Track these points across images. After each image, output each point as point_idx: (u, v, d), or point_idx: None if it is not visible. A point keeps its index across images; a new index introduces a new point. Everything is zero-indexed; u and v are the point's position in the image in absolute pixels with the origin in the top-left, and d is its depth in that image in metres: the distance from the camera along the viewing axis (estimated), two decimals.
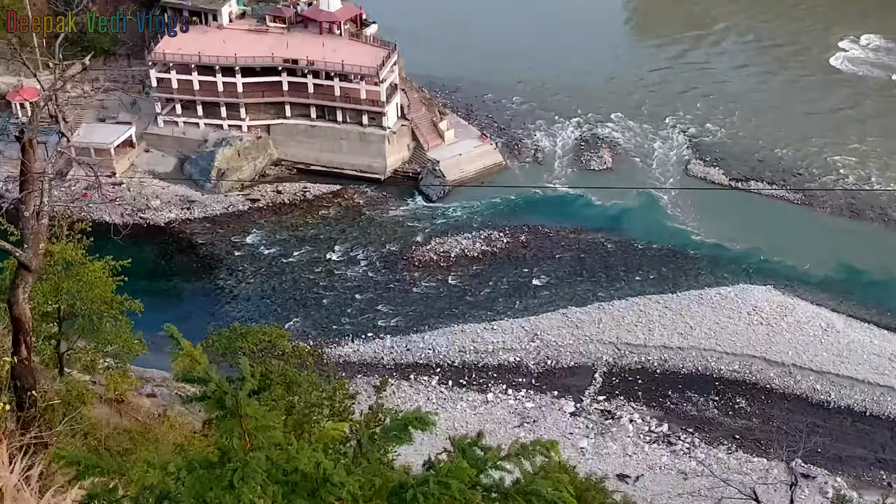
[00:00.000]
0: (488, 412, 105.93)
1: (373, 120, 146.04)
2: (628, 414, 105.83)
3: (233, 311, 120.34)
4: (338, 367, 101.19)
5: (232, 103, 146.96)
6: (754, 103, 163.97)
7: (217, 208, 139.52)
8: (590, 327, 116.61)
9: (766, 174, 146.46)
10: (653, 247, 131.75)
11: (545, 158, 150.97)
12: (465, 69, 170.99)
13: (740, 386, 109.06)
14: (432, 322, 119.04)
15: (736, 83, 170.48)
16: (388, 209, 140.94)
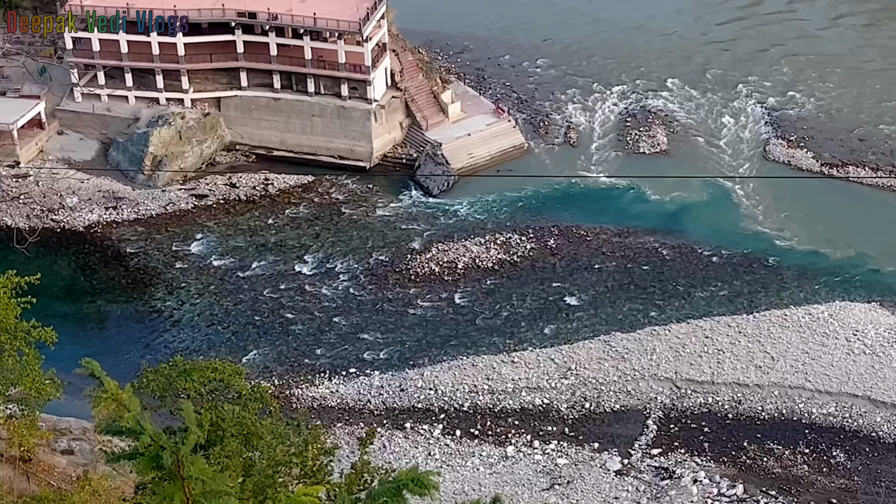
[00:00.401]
0: (508, 470, 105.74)
1: (355, 91, 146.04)
2: (691, 472, 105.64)
3: (174, 340, 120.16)
4: (311, 414, 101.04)
5: (171, 70, 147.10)
6: (854, 66, 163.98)
7: (152, 207, 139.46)
8: (640, 359, 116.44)
9: (870, 157, 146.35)
10: (722, 254, 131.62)
11: (580, 139, 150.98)
12: (475, 23, 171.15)
13: (838, 434, 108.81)
14: (434, 353, 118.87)
15: (830, 40, 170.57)
16: (374, 207, 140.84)
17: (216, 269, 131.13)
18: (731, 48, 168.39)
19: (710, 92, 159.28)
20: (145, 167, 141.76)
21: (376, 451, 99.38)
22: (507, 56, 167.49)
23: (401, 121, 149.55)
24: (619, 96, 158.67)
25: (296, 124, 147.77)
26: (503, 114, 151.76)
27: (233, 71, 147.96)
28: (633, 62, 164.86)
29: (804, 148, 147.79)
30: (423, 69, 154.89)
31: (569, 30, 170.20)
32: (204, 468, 12.46)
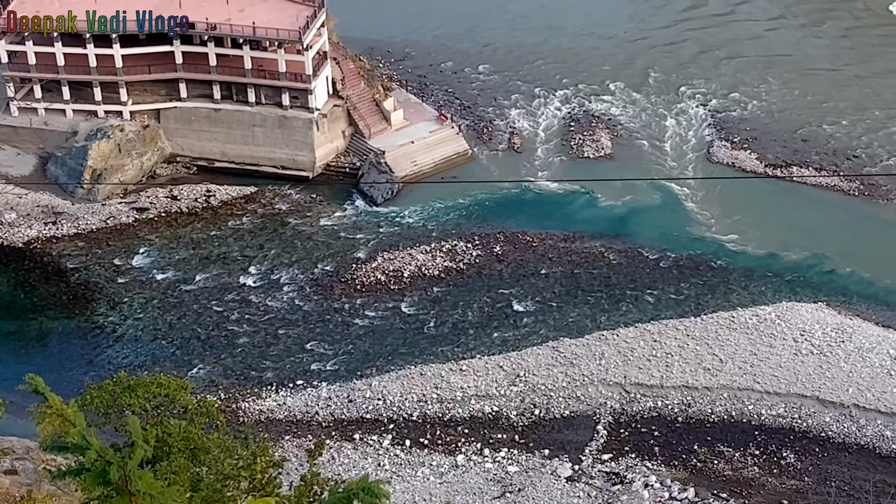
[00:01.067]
0: (459, 479, 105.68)
1: (296, 100, 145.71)
2: (642, 476, 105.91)
3: (117, 356, 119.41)
4: (259, 427, 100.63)
5: (109, 83, 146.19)
6: (795, 66, 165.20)
7: (93, 221, 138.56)
8: (589, 364, 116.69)
9: (813, 157, 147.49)
10: (669, 257, 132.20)
11: (524, 144, 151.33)
12: (416, 30, 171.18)
13: (787, 435, 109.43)
14: (382, 363, 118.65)
15: (772, 41, 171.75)
16: (318, 216, 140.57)
17: (159, 283, 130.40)
18: (673, 51, 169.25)
19: (654, 95, 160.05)
20: (85, 181, 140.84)
21: (325, 463, 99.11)
22: (450, 62, 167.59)
23: (343, 129, 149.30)
24: (563, 101, 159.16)
25: (237, 135, 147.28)
26: (446, 121, 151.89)
27: (172, 82, 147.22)
28: (576, 66, 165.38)
29: (748, 149, 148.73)
30: (364, 77, 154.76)
31: (510, 35, 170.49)
32: (152, 483, 12.38)
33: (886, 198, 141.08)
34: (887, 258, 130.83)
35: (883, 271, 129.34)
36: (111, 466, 11.01)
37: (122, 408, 50.55)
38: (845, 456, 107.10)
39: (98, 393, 52.76)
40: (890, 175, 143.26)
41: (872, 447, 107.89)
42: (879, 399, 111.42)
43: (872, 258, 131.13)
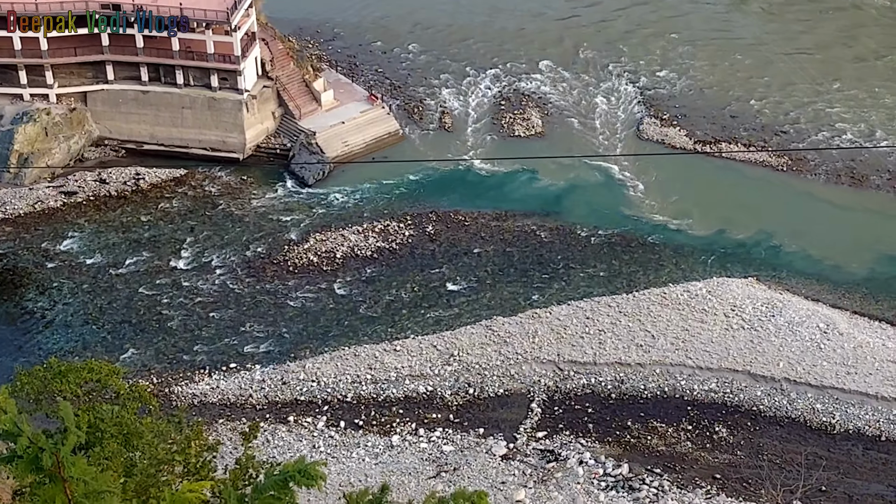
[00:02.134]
0: (394, 460, 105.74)
1: (225, 81, 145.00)
2: (576, 453, 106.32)
3: (47, 342, 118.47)
4: (192, 411, 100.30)
5: (34, 65, 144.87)
6: (722, 42, 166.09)
7: (20, 206, 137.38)
8: (522, 342, 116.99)
9: (742, 133, 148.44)
10: (600, 234, 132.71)
11: (455, 124, 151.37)
12: (344, 10, 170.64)
13: (719, 410, 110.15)
14: (315, 345, 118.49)
15: (698, 18, 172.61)
16: (249, 198, 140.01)
17: (89, 268, 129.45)
18: (601, 30, 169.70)
19: (583, 73, 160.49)
20: (11, 165, 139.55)
21: (260, 446, 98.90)
22: (379, 42, 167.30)
23: (273, 110, 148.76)
24: (493, 80, 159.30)
25: (165, 117, 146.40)
26: (377, 101, 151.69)
27: (98, 64, 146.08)
28: (505, 45, 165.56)
29: (677, 126, 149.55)
30: (293, 58, 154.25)
31: (438, 15, 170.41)
32: (85, 469, 12.27)
33: (814, 172, 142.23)
34: (816, 232, 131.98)
35: (812, 245, 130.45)
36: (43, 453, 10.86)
37: (54, 394, 50.16)
38: (777, 429, 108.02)
39: (29, 379, 52.34)
40: (817, 149, 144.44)
41: (803, 420, 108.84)
42: (809, 372, 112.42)
43: (801, 232, 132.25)
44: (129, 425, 44.72)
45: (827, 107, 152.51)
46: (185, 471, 43.26)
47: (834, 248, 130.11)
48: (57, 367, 53.98)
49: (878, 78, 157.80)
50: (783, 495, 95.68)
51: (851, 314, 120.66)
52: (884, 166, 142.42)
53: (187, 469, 43.36)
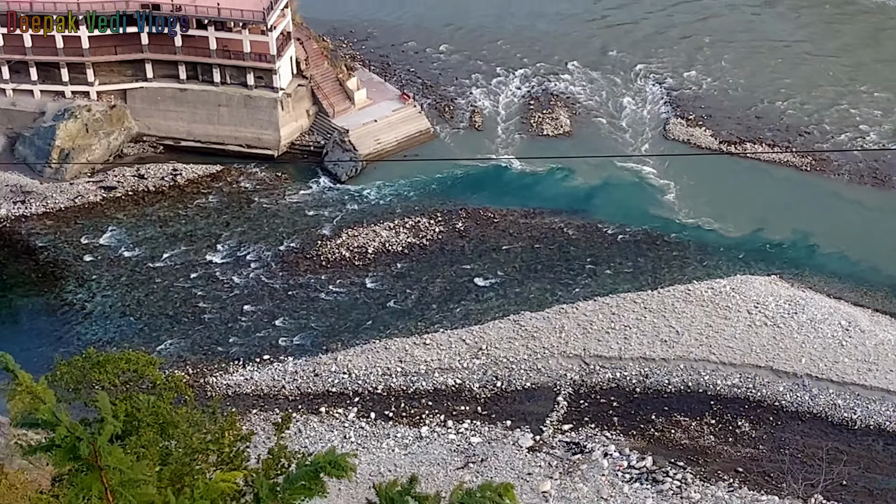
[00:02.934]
0: (423, 450, 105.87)
1: (260, 80, 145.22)
2: (601, 446, 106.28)
3: (86, 332, 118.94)
4: (226, 401, 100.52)
5: (76, 63, 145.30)
6: (748, 44, 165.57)
7: (61, 200, 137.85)
8: (549, 337, 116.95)
9: (766, 134, 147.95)
10: (626, 231, 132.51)
11: (485, 123, 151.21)
12: (378, 10, 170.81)
13: (742, 405, 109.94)
14: (347, 338, 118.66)
15: (724, 18, 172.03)
16: (284, 194, 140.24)
17: (127, 261, 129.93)
18: (629, 31, 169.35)
19: (611, 74, 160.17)
20: (52, 160, 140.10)
21: (292, 436, 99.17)
22: (412, 42, 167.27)
23: (307, 108, 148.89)
24: (522, 80, 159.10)
25: (202, 114, 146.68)
26: (408, 99, 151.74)
27: (138, 63, 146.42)
28: (534, 46, 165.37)
29: (703, 126, 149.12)
30: (328, 57, 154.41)
31: (470, 15, 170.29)
32: (121, 458, 12.33)
33: (837, 173, 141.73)
34: (838, 231, 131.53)
35: (834, 244, 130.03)
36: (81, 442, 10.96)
37: (92, 383, 50.38)
38: (798, 424, 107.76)
39: (68, 369, 52.55)
40: (840, 150, 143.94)
41: (825, 415, 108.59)
42: (831, 369, 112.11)
43: (824, 231, 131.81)
44: (165, 415, 44.86)
45: (851, 108, 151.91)
46: (218, 460, 43.40)
47: (856, 247, 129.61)
48: (95, 358, 54.18)
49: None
50: (804, 489, 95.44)
51: (873, 312, 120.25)
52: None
53: (221, 458, 43.51)
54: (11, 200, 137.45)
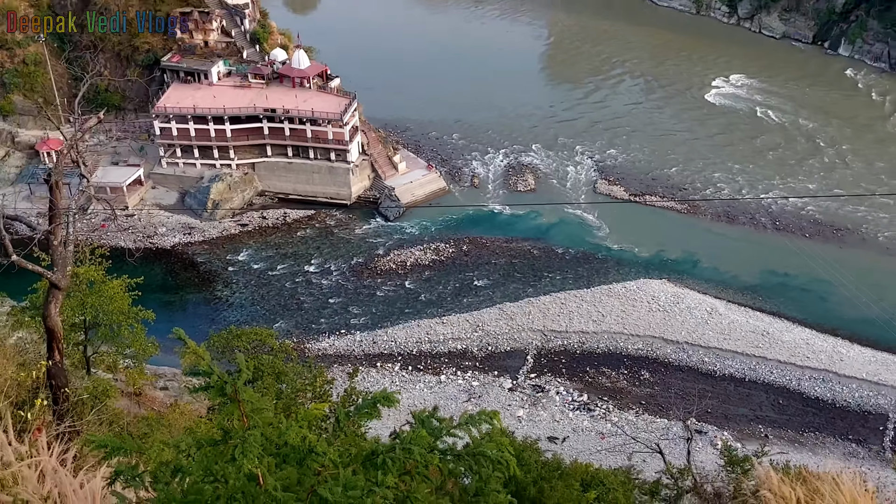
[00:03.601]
0: (442, 391, 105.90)
1: (339, 156, 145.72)
2: (555, 388, 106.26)
3: (229, 316, 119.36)
4: (317, 359, 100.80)
5: (222, 146, 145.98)
6: (647, 133, 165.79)
7: (213, 233, 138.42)
8: (521, 318, 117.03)
9: (659, 189, 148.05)
10: (570, 251, 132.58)
11: (480, 183, 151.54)
12: (413, 112, 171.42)
13: (644, 361, 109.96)
14: (393, 319, 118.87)
15: (632, 117, 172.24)
16: (354, 228, 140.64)
17: (255, 271, 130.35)
18: (572, 124, 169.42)
19: (560, 151, 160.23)
20: (208, 207, 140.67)
21: (359, 382, 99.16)
22: (433, 132, 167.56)
23: (368, 174, 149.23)
24: (504, 155, 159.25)
25: (303, 178, 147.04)
26: (432, 168, 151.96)
27: (262, 145, 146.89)
28: (512, 134, 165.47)
29: (619, 185, 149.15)
30: (381, 141, 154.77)
31: (471, 115, 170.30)
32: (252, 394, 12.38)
33: (704, 214, 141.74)
34: (705, 251, 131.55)
35: (702, 259, 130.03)
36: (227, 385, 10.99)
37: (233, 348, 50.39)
38: (680, 373, 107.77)
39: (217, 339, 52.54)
40: (706, 200, 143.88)
41: (697, 368, 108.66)
42: (700, 339, 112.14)
43: (696, 251, 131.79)
44: (279, 368, 44.88)
45: (713, 173, 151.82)
46: (313, 396, 43.36)
47: (716, 261, 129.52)
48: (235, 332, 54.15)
49: (743, 156, 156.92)
50: (684, 415, 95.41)
51: (727, 302, 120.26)
52: (747, 211, 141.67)
53: (314, 395, 43.45)
54: (182, 233, 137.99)
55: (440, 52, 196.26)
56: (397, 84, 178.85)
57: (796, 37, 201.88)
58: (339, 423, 13.71)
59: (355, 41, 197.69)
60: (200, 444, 12.08)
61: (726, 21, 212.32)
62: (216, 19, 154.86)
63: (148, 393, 50.23)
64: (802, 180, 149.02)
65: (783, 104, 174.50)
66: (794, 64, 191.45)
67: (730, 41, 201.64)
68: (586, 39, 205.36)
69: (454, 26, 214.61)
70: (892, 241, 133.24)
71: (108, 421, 29.69)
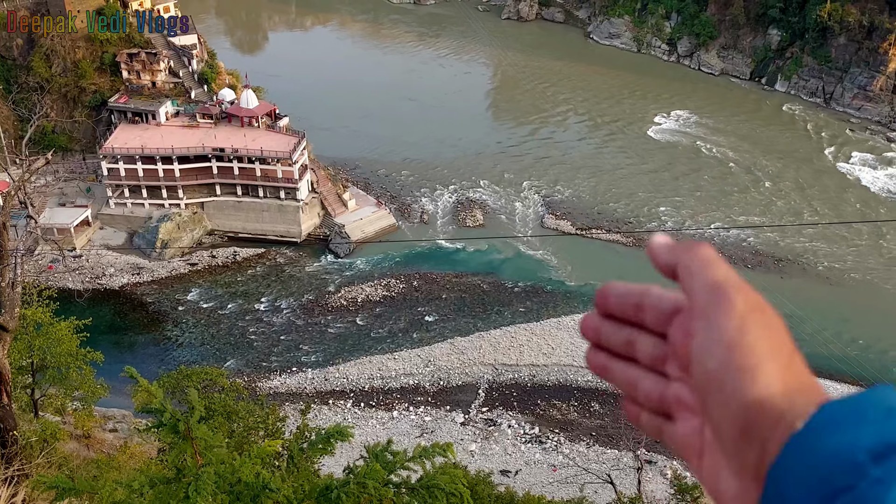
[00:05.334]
0: (394, 426, 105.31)
1: (288, 194, 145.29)
2: (507, 421, 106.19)
3: (179, 356, 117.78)
4: (269, 397, 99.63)
5: (171, 186, 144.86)
6: (592, 168, 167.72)
7: (162, 272, 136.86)
8: (472, 353, 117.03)
9: (605, 223, 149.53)
10: (519, 285, 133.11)
11: (430, 219, 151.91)
12: (362, 150, 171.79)
13: (594, 392, 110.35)
14: (345, 356, 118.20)
15: (577, 153, 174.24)
16: (304, 266, 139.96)
17: (204, 310, 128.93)
18: (518, 160, 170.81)
19: (507, 187, 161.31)
20: (157, 247, 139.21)
21: (311, 418, 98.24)
22: (383, 170, 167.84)
23: (318, 212, 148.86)
24: (452, 192, 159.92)
25: (252, 216, 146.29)
26: (382, 205, 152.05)
27: (211, 185, 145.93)
28: (460, 170, 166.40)
29: (565, 219, 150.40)
30: (330, 179, 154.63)
31: (420, 153, 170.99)
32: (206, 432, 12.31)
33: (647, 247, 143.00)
34: (650, 281, 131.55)
35: None
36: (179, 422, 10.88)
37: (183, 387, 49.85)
38: None
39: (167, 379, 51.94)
40: (650, 232, 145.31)
41: None
42: None
43: (640, 281, 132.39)
44: (230, 406, 44.47)
45: (656, 207, 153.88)
46: (265, 433, 43.01)
47: None
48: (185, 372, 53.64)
49: (685, 189, 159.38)
50: (633, 444, 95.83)
51: None
52: None
53: (267, 433, 43.11)
54: (131, 273, 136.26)
55: (389, 92, 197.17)
56: (346, 123, 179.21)
57: (734, 73, 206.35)
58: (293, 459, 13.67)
59: (304, 81, 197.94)
60: (153, 482, 11.97)
61: (666, 59, 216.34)
62: (164, 60, 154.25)
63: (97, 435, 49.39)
64: (743, 212, 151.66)
65: (723, 139, 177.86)
66: (732, 100, 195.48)
67: (670, 78, 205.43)
68: (531, 77, 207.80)
69: (403, 66, 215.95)
70: (831, 271, 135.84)
71: (58, 464, 29.18)
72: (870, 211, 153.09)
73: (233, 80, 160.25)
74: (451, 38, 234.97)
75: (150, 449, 45.66)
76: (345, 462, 15.48)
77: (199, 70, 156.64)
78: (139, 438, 46.92)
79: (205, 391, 51.20)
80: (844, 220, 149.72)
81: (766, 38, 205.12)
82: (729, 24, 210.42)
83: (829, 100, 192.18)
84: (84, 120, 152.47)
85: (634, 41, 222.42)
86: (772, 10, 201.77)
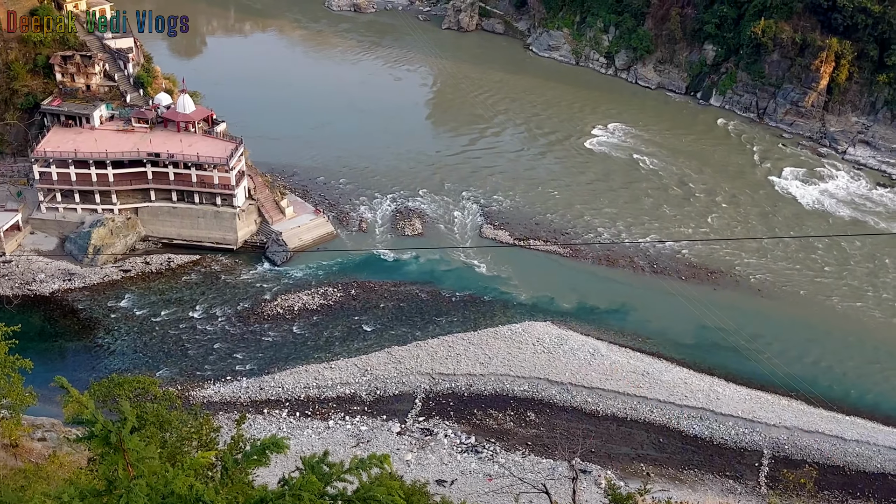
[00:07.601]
0: (330, 436, 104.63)
1: (225, 201, 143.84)
2: (443, 430, 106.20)
3: (111, 364, 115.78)
4: (202, 407, 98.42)
5: (105, 191, 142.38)
6: (530, 179, 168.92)
7: (94, 278, 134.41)
8: (410, 362, 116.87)
9: (542, 233, 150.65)
10: (457, 295, 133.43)
11: (368, 227, 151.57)
12: (300, 158, 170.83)
13: (530, 402, 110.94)
14: (281, 364, 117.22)
15: (515, 164, 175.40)
16: (240, 273, 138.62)
17: (137, 317, 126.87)
18: (457, 170, 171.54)
19: (446, 196, 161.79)
20: (89, 253, 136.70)
21: (246, 429, 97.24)
22: (321, 177, 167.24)
23: (255, 219, 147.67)
24: (391, 200, 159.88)
25: (187, 222, 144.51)
26: (320, 213, 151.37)
27: (145, 190, 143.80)
28: (399, 179, 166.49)
29: (503, 229, 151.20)
30: (268, 186, 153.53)
31: (358, 161, 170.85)
32: (138, 443, 12.15)
33: (585, 257, 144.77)
34: (587, 293, 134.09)
35: (584, 301, 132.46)
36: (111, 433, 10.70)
37: (115, 396, 49.00)
38: (564, 414, 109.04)
39: (98, 387, 51.06)
40: (587, 244, 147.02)
41: (580, 408, 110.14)
42: (583, 379, 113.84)
43: (578, 293, 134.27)
44: (163, 416, 43.83)
45: (592, 219, 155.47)
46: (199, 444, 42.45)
47: (596, 302, 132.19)
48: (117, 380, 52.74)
49: (621, 201, 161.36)
50: (569, 454, 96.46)
51: (609, 343, 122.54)
52: (626, 254, 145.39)
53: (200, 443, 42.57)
54: (62, 279, 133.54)
55: (328, 99, 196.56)
56: (285, 129, 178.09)
57: (670, 87, 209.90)
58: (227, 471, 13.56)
59: (243, 87, 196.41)
60: (84, 494, 11.78)
61: (604, 72, 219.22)
62: (99, 63, 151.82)
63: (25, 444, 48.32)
64: (678, 224, 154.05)
65: (658, 151, 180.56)
66: (668, 113, 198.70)
67: (608, 91, 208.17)
68: (471, 88, 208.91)
69: (343, 73, 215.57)
70: (762, 284, 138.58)
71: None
72: (800, 225, 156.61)
73: (169, 85, 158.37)
74: (391, 46, 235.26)
75: (79, 458, 44.81)
76: (280, 473, 15.34)
77: (135, 74, 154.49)
78: (69, 448, 46.04)
79: (137, 400, 50.39)
80: (776, 235, 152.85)
81: (701, 53, 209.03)
82: (665, 39, 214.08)
83: (762, 115, 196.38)
84: (15, 122, 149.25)
85: (573, 54, 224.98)
86: (707, 25, 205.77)
